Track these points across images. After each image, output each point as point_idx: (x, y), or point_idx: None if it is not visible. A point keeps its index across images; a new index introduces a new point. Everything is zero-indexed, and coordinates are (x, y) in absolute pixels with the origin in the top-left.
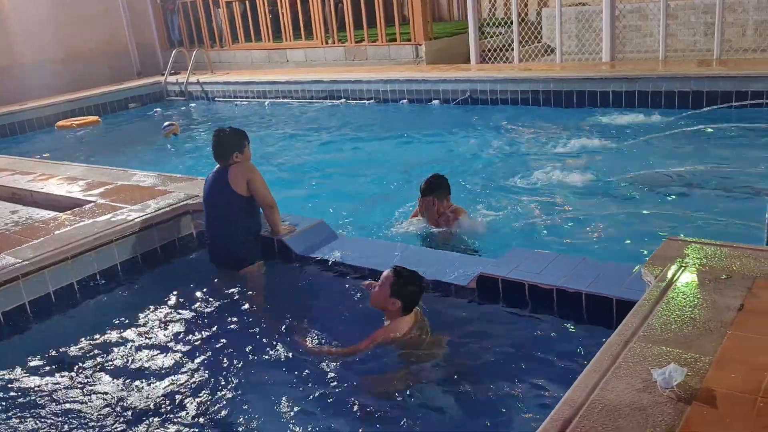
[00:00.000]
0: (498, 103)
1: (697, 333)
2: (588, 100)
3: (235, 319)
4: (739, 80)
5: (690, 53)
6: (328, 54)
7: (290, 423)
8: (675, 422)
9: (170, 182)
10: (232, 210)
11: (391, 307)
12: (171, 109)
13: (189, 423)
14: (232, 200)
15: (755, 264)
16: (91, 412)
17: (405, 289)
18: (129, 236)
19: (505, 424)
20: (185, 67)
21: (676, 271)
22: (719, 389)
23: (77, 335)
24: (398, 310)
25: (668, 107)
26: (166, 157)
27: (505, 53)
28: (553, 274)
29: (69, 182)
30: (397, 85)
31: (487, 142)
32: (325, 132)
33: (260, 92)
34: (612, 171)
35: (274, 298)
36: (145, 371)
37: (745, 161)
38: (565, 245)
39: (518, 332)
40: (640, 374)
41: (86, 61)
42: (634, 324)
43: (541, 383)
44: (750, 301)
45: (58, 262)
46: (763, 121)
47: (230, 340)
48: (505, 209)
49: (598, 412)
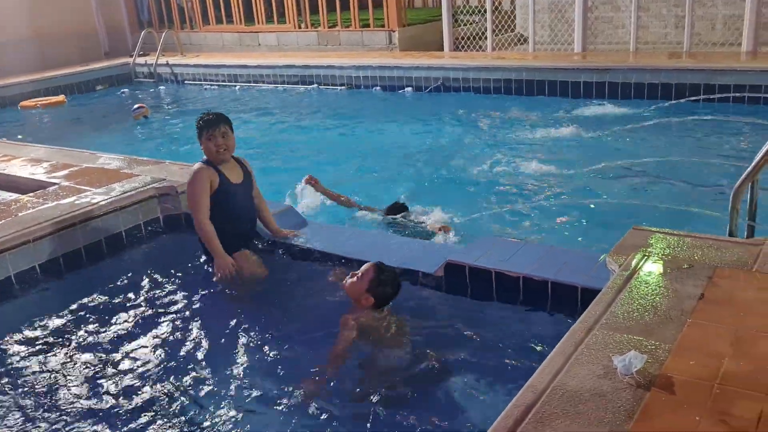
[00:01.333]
0: (470, 91)
1: (658, 321)
2: (559, 90)
3: (200, 305)
4: (708, 73)
5: (661, 45)
6: (300, 38)
7: (254, 410)
8: (634, 408)
9: (136, 165)
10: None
11: (364, 302)
12: (139, 91)
13: (151, 408)
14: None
15: (716, 254)
16: (52, 397)
17: (383, 289)
18: (93, 219)
19: (469, 409)
20: (155, 49)
21: (640, 260)
22: (678, 376)
23: (39, 320)
24: (370, 305)
25: (638, 98)
26: (134, 139)
27: (479, 41)
28: (521, 262)
29: (32, 164)
30: (370, 72)
31: (458, 131)
32: (296, 118)
33: (231, 76)
34: (581, 161)
35: (243, 284)
36: (109, 357)
37: (710, 153)
38: (533, 234)
39: (484, 319)
40: (601, 361)
41: (53, 42)
42: (597, 312)
43: (505, 369)
44: (710, 290)
45: (19, 245)
46: (730, 114)
47: (196, 324)
48: (474, 197)
49: (560, 398)
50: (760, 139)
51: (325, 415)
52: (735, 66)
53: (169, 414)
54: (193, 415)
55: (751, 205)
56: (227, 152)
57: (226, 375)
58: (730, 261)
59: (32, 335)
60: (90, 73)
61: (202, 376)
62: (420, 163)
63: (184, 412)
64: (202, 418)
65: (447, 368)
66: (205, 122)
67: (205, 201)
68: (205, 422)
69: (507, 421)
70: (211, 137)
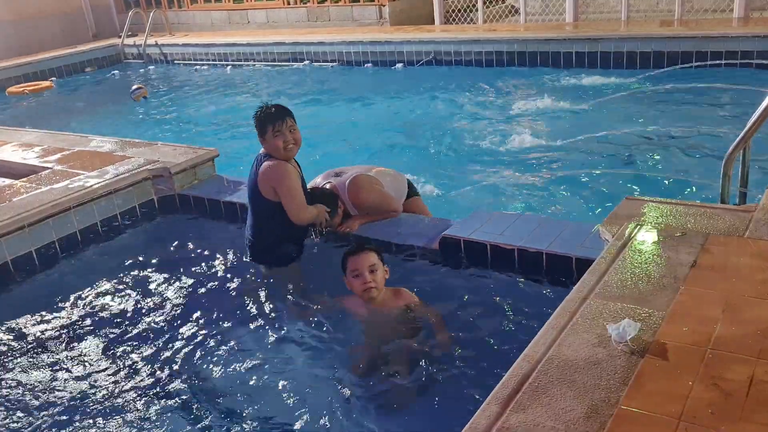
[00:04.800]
0: (462, 64)
1: (652, 289)
2: (551, 61)
3: (198, 287)
4: (699, 40)
5: (652, 14)
6: (290, 15)
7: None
8: (628, 375)
9: (129, 147)
10: (262, 216)
11: (387, 275)
12: (130, 71)
13: (147, 393)
14: (261, 204)
15: (709, 221)
16: (48, 384)
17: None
18: (88, 203)
19: (466, 379)
20: (143, 29)
21: (633, 230)
22: (671, 342)
23: (37, 304)
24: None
25: (630, 68)
26: (126, 121)
27: (470, 14)
28: (515, 234)
29: (24, 148)
30: (361, 47)
31: (450, 105)
32: (287, 95)
33: (221, 54)
34: (574, 131)
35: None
36: (106, 340)
37: (702, 121)
38: (527, 206)
39: (480, 292)
40: (595, 330)
41: (37, 23)
42: (591, 282)
43: (501, 340)
44: (703, 258)
45: (15, 231)
46: (721, 81)
47: (193, 306)
48: (467, 171)
49: (555, 367)
50: (752, 106)
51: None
52: (727, 32)
53: (164, 395)
54: (189, 395)
55: (743, 171)
56: (296, 147)
57: (222, 355)
58: (722, 228)
59: (29, 320)
60: (78, 55)
61: (198, 358)
62: (412, 137)
63: (179, 394)
64: (199, 398)
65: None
66: (268, 116)
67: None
68: (203, 402)
69: (503, 391)
70: (278, 133)
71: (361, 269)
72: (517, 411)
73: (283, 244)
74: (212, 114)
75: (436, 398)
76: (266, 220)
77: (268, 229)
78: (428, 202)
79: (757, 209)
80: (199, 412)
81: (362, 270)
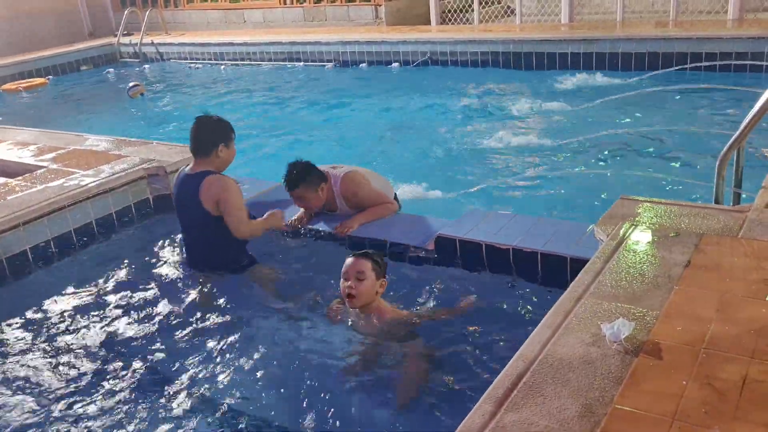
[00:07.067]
0: (458, 64)
1: (646, 288)
2: (547, 62)
3: (193, 286)
4: (694, 42)
5: (648, 15)
6: (286, 14)
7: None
8: (622, 373)
9: (125, 146)
10: (206, 230)
11: (380, 290)
12: (125, 71)
13: (142, 389)
14: (203, 219)
15: (702, 222)
16: (42, 383)
17: (382, 261)
18: (83, 202)
19: (461, 380)
20: (139, 28)
21: (628, 229)
22: (665, 341)
23: (32, 303)
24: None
25: (625, 68)
26: (122, 120)
27: (466, 14)
28: (510, 234)
29: (19, 147)
30: (357, 47)
31: (446, 105)
32: (283, 95)
33: (217, 54)
34: (569, 132)
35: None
36: (102, 339)
37: (697, 122)
38: (522, 206)
39: (475, 291)
40: (590, 329)
41: (32, 21)
42: (585, 281)
43: (496, 340)
44: (696, 257)
45: (9, 229)
46: (715, 82)
47: (190, 305)
48: (463, 170)
49: (549, 366)
50: (746, 107)
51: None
52: (721, 34)
53: (160, 393)
54: (187, 395)
55: (737, 172)
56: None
57: (219, 353)
58: (716, 228)
59: (25, 319)
60: (74, 53)
61: (194, 355)
62: (407, 137)
63: (178, 393)
64: (199, 395)
65: (439, 341)
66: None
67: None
68: (203, 398)
69: (498, 390)
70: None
71: (349, 273)
72: (511, 410)
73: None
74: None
75: (430, 398)
76: (214, 232)
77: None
78: (423, 201)
79: (751, 210)
80: (198, 411)
81: (349, 274)
